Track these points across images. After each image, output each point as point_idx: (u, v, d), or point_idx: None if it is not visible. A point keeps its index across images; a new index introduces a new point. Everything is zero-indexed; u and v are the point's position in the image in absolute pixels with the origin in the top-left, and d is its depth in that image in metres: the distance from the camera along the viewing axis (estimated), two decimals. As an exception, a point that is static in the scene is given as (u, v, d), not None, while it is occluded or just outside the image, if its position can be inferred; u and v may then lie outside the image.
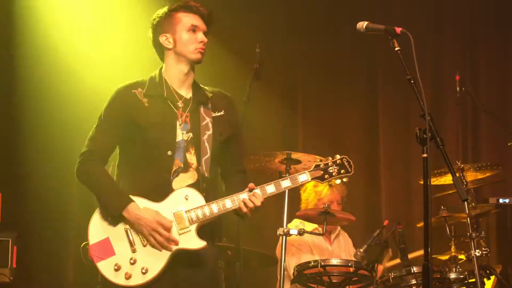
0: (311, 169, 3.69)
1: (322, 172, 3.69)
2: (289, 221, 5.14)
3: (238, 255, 4.67)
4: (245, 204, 3.56)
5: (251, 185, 3.60)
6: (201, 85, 3.81)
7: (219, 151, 3.72)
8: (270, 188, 3.62)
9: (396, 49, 3.26)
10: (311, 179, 3.69)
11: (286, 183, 3.65)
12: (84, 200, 6.01)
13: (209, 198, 3.60)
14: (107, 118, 3.66)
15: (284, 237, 4.89)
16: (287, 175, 4.91)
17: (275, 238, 5.35)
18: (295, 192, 5.63)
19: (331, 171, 3.70)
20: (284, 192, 4.86)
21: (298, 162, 5.04)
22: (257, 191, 3.59)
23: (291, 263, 5.37)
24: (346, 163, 3.72)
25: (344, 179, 3.74)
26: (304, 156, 5.02)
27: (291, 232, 4.85)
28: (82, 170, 3.64)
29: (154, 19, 3.75)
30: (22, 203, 5.95)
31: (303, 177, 3.68)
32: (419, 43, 3.15)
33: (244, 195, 3.58)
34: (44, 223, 6.09)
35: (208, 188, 3.64)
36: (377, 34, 3.38)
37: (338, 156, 3.73)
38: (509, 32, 6.85)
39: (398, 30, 3.27)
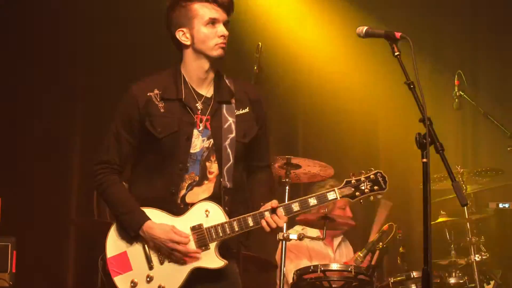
0: (340, 186, 3.41)
1: (353, 189, 3.40)
2: (289, 225, 5.13)
3: (238, 260, 4.65)
4: (267, 224, 3.33)
5: (274, 203, 3.35)
6: (223, 77, 3.50)
7: (243, 153, 3.46)
8: (295, 207, 3.38)
9: (396, 54, 3.24)
10: (341, 197, 3.39)
11: (313, 201, 3.38)
12: (84, 205, 6.03)
13: (232, 211, 3.39)
14: (122, 125, 3.41)
15: (283, 242, 4.88)
16: (287, 183, 4.92)
17: (275, 243, 5.35)
18: (296, 195, 5.61)
19: (363, 187, 3.40)
20: (285, 195, 4.90)
21: (298, 167, 5.03)
22: (281, 209, 3.35)
23: (289, 269, 5.36)
24: (380, 179, 3.41)
25: (379, 196, 3.42)
26: (304, 161, 5.02)
27: (291, 236, 4.84)
28: (99, 183, 3.43)
29: (168, 11, 3.44)
30: (21, 207, 5.94)
31: (332, 195, 3.39)
32: (419, 47, 3.14)
33: (267, 213, 3.34)
34: (44, 227, 6.08)
35: (231, 201, 3.41)
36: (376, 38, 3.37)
37: (372, 171, 3.43)
38: (510, 35, 6.85)
39: (398, 34, 3.25)
